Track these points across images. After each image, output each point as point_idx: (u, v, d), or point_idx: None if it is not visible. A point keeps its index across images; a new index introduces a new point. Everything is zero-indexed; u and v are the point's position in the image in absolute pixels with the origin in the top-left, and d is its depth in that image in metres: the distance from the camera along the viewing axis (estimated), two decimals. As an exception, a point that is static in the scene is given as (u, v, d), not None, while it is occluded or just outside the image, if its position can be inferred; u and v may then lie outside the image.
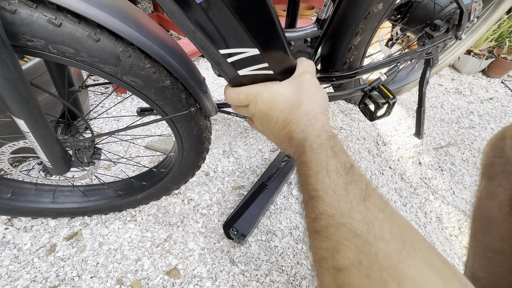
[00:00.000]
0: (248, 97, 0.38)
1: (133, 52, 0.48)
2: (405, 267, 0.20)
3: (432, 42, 1.06)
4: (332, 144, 0.31)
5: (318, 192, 0.27)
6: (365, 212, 0.24)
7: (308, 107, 0.34)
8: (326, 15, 0.83)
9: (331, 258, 0.23)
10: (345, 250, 0.23)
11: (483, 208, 0.53)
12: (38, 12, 0.38)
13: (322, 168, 0.28)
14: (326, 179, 0.27)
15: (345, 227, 0.24)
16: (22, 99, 0.44)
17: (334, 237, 0.24)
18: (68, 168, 0.65)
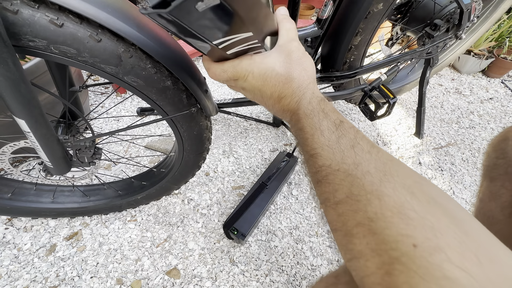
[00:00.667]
0: (237, 74, 0.37)
1: (134, 52, 0.48)
2: (383, 188, 0.26)
3: (432, 41, 1.06)
4: (322, 107, 0.35)
5: (316, 150, 0.32)
6: (354, 156, 0.29)
7: (300, 80, 0.36)
8: (326, 15, 0.83)
9: (332, 197, 0.29)
10: (341, 188, 0.28)
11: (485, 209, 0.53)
12: (40, 12, 0.38)
13: (316, 129, 0.33)
14: (321, 138, 0.32)
15: (339, 171, 0.29)
16: (23, 99, 0.44)
17: (333, 181, 0.29)
18: (68, 168, 0.65)
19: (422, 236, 0.22)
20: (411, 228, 0.22)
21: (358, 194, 0.26)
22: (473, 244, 0.21)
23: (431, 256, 0.21)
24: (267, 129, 1.43)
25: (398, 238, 0.22)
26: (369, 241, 0.24)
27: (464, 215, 0.24)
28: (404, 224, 0.23)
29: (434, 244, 0.21)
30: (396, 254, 0.22)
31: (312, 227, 1.03)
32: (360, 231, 0.25)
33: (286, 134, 1.41)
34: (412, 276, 0.21)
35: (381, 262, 0.23)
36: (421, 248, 0.21)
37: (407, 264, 0.21)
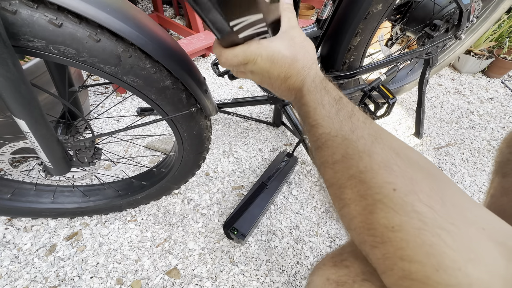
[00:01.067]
0: (247, 57, 0.40)
1: (133, 52, 0.48)
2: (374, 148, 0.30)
3: (431, 42, 1.06)
4: (324, 85, 0.39)
5: (317, 121, 0.36)
6: (351, 124, 0.33)
7: (304, 61, 0.40)
8: (326, 15, 0.83)
9: (330, 158, 0.33)
10: (339, 150, 0.33)
11: (496, 204, 0.53)
12: (39, 12, 0.38)
13: (318, 104, 0.37)
14: (323, 111, 0.36)
15: (337, 137, 0.33)
16: (23, 100, 0.44)
17: (331, 146, 0.34)
18: (68, 168, 0.65)
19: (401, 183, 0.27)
20: (393, 177, 0.27)
21: (353, 153, 0.31)
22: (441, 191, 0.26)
23: (406, 196, 0.26)
24: (267, 129, 1.43)
25: (382, 185, 0.27)
26: (359, 189, 0.29)
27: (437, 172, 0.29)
28: (388, 174, 0.28)
29: (409, 189, 0.26)
30: (379, 197, 0.27)
31: (312, 227, 1.03)
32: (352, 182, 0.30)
33: (286, 134, 1.41)
34: (389, 212, 0.26)
35: (366, 204, 0.28)
36: (399, 191, 0.26)
37: (387, 203, 0.26)
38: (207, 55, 1.89)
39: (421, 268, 0.23)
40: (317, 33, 0.87)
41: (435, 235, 0.23)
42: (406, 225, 0.25)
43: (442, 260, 0.23)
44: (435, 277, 0.23)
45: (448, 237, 0.23)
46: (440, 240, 0.23)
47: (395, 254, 0.25)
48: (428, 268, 0.23)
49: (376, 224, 0.27)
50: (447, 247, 0.23)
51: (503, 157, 0.55)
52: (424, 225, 0.24)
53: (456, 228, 0.23)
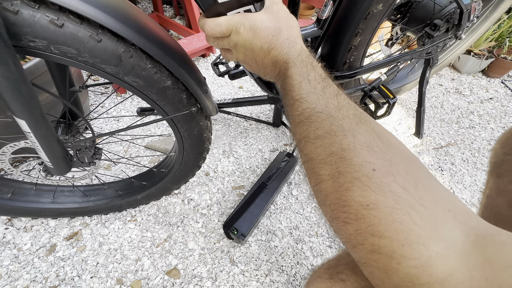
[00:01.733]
0: (230, 27, 0.40)
1: (134, 52, 0.48)
2: (358, 129, 0.31)
3: (432, 41, 1.06)
4: (310, 61, 0.39)
5: (301, 95, 0.36)
6: (337, 103, 0.34)
7: (288, 33, 0.40)
8: (326, 15, 0.83)
9: (313, 133, 0.33)
10: (323, 126, 0.32)
11: (492, 205, 0.53)
12: (41, 12, 0.38)
13: (304, 78, 0.37)
14: (308, 86, 0.36)
15: (323, 113, 0.33)
16: (23, 100, 0.44)
17: (316, 120, 0.33)
18: (69, 168, 0.65)
19: (381, 164, 0.28)
20: (374, 158, 0.28)
21: (337, 131, 0.31)
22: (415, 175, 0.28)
23: (384, 177, 0.27)
24: (267, 129, 1.44)
25: (362, 163, 0.28)
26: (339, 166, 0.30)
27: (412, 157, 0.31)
28: (369, 155, 0.29)
29: (388, 170, 0.27)
30: (358, 175, 0.28)
31: (312, 227, 1.04)
32: (333, 159, 0.30)
33: (286, 134, 1.41)
34: (366, 190, 0.27)
35: (344, 181, 0.29)
36: (378, 171, 0.27)
37: (365, 182, 0.27)
38: (207, 55, 1.89)
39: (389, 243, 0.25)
40: (317, 33, 0.87)
41: (405, 213, 0.25)
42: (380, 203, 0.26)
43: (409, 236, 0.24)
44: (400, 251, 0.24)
45: (417, 216, 0.25)
46: (409, 218, 0.25)
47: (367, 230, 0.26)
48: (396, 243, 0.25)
49: (352, 201, 0.28)
50: (415, 225, 0.24)
51: (497, 158, 0.55)
52: (397, 204, 0.25)
53: (425, 209, 0.25)
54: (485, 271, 0.22)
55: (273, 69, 0.43)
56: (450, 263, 0.23)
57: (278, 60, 0.40)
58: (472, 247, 0.24)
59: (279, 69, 0.41)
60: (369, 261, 0.27)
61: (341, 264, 0.44)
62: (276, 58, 0.40)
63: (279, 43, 0.40)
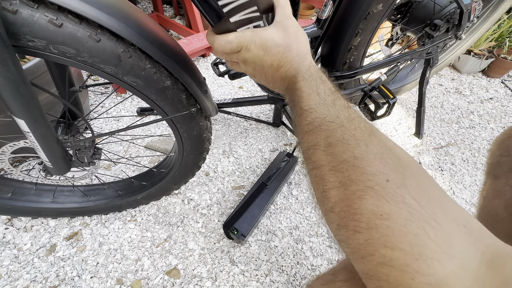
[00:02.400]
0: (241, 44, 0.40)
1: (134, 52, 0.48)
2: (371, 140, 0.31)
3: (432, 42, 1.06)
4: (319, 75, 0.39)
5: (311, 106, 0.36)
6: (348, 115, 0.34)
7: (298, 49, 0.40)
8: (326, 15, 0.83)
9: (323, 141, 0.33)
10: (334, 134, 0.33)
11: (489, 207, 0.53)
12: (39, 12, 0.38)
13: (313, 91, 0.37)
14: (317, 98, 0.36)
15: (334, 123, 0.33)
16: (22, 99, 0.44)
17: (327, 129, 0.34)
18: (68, 168, 0.65)
19: (394, 176, 0.28)
20: (387, 169, 0.28)
21: (349, 139, 0.32)
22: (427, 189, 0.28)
23: (398, 188, 0.27)
24: (267, 129, 1.43)
25: (376, 173, 0.28)
26: (350, 174, 0.30)
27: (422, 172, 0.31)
28: (382, 166, 0.29)
29: (401, 182, 0.27)
30: (371, 184, 0.28)
31: (312, 227, 1.03)
32: (344, 166, 0.30)
33: (286, 134, 1.41)
34: (380, 200, 0.27)
35: (357, 189, 0.29)
36: (392, 182, 0.27)
37: (378, 192, 0.27)
38: (207, 55, 1.89)
39: (402, 256, 0.24)
40: (317, 33, 0.87)
41: (420, 227, 0.25)
42: (395, 214, 0.26)
43: (423, 251, 0.24)
44: (414, 265, 0.24)
45: (432, 231, 0.24)
46: (424, 232, 0.24)
47: (379, 240, 0.26)
48: (409, 257, 0.24)
49: (364, 209, 0.27)
50: (430, 240, 0.24)
51: (494, 159, 0.55)
52: (411, 216, 0.25)
53: (438, 224, 0.25)
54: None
55: (282, 84, 0.43)
56: (466, 283, 0.23)
57: (287, 76, 0.41)
58: (488, 266, 0.23)
59: (288, 83, 0.42)
60: (378, 273, 0.26)
61: (337, 280, 0.43)
62: (285, 74, 0.41)
63: (289, 60, 0.40)
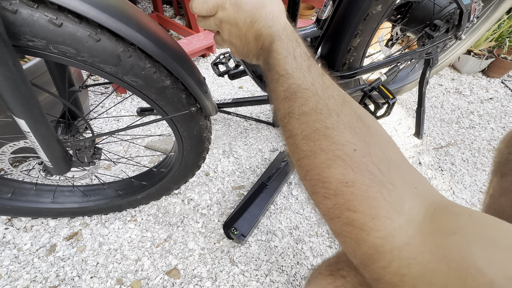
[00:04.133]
0: (216, 3, 0.41)
1: (133, 52, 0.48)
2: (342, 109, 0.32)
3: (432, 42, 1.06)
4: (295, 37, 0.39)
5: (287, 71, 0.36)
6: (322, 82, 0.35)
7: (271, 7, 0.40)
8: (326, 15, 0.83)
9: (298, 109, 0.34)
10: (309, 102, 0.33)
11: (496, 204, 0.53)
12: (39, 12, 0.38)
13: (289, 54, 0.37)
14: (294, 62, 0.36)
15: (309, 90, 0.34)
16: (23, 99, 0.44)
17: (302, 96, 0.34)
18: (68, 168, 0.65)
19: (361, 145, 0.30)
20: (355, 139, 0.30)
21: (322, 109, 0.32)
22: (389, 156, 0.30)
23: (363, 157, 0.29)
24: (267, 129, 1.43)
25: (345, 143, 0.30)
26: (321, 143, 0.31)
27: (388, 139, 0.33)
28: (352, 136, 0.30)
29: (366, 151, 0.30)
30: (340, 153, 0.30)
31: (312, 227, 1.03)
32: (316, 135, 0.32)
33: (286, 134, 1.41)
34: (346, 168, 0.29)
35: (326, 158, 0.31)
36: (359, 152, 0.29)
37: (345, 160, 0.29)
38: (207, 55, 1.89)
39: (362, 216, 0.28)
40: (317, 33, 0.87)
41: (378, 191, 0.28)
42: (358, 181, 0.28)
43: (378, 211, 0.27)
44: (370, 224, 0.27)
45: (387, 194, 0.27)
46: (381, 195, 0.27)
47: (344, 205, 0.29)
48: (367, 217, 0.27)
49: (332, 178, 0.30)
50: (385, 201, 0.27)
51: (502, 157, 0.55)
52: (372, 182, 0.28)
53: (394, 187, 0.28)
54: (436, 238, 0.25)
55: (256, 44, 0.42)
56: (409, 232, 0.26)
57: (262, 34, 0.40)
58: (430, 218, 0.27)
59: (263, 43, 0.41)
60: (344, 232, 0.30)
61: (341, 261, 0.44)
62: (259, 31, 0.40)
63: (262, 16, 0.40)
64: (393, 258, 0.26)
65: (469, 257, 0.22)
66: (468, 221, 0.25)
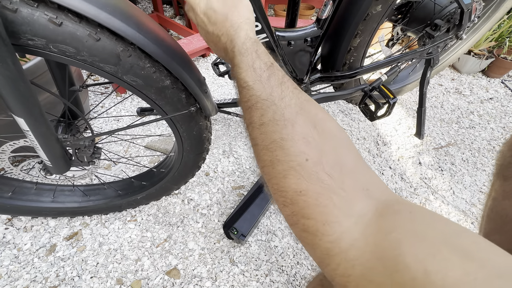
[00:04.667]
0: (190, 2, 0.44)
1: (133, 51, 0.48)
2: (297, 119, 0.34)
3: (432, 42, 1.06)
4: (256, 49, 0.40)
5: (248, 83, 0.38)
6: (280, 92, 0.36)
7: (233, 19, 0.42)
8: (326, 15, 0.83)
9: (258, 120, 0.36)
10: (267, 113, 0.35)
11: (498, 208, 0.53)
12: (39, 11, 0.38)
13: (249, 67, 0.38)
14: (253, 74, 0.38)
15: (267, 101, 0.36)
16: (22, 98, 0.44)
17: (261, 108, 0.36)
18: (68, 167, 0.65)
19: (313, 154, 0.31)
20: (308, 149, 0.32)
21: (279, 119, 0.34)
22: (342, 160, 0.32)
23: (314, 166, 0.30)
24: (267, 129, 1.43)
25: (297, 154, 0.31)
26: (278, 154, 0.33)
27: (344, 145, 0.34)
28: (305, 146, 0.32)
29: (318, 160, 0.31)
30: (293, 164, 0.31)
31: (312, 227, 1.03)
32: (273, 146, 0.33)
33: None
34: (299, 178, 0.31)
35: (282, 169, 0.32)
36: (310, 161, 0.31)
37: (298, 171, 0.31)
38: (207, 55, 1.89)
39: (314, 223, 0.29)
40: (318, 33, 0.87)
41: (328, 198, 0.29)
42: (310, 190, 0.30)
43: (328, 217, 0.28)
44: (321, 229, 0.28)
45: (337, 199, 0.29)
46: (331, 202, 0.29)
47: (299, 212, 0.30)
48: (319, 223, 0.29)
49: (288, 187, 0.32)
50: (335, 207, 0.28)
51: (505, 160, 0.55)
52: (322, 190, 0.29)
53: (344, 193, 0.29)
54: (376, 237, 0.26)
55: (226, 56, 0.45)
56: (355, 235, 0.27)
57: (227, 48, 0.43)
58: (377, 218, 0.27)
59: (229, 56, 0.43)
60: (301, 238, 0.31)
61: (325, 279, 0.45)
62: (225, 45, 0.43)
63: (225, 31, 0.42)
64: (340, 260, 0.27)
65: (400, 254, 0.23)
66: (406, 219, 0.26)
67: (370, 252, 0.25)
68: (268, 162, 0.34)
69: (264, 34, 0.70)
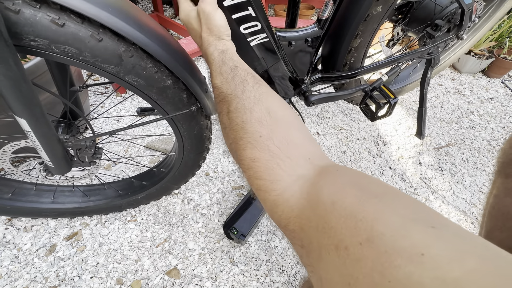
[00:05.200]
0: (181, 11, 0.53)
1: (135, 52, 0.48)
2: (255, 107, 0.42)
3: (433, 42, 1.06)
4: (222, 58, 0.49)
5: (217, 84, 0.48)
6: (242, 87, 0.45)
7: (204, 36, 0.51)
8: (327, 15, 0.83)
9: (226, 109, 0.45)
10: (232, 104, 0.44)
11: (500, 205, 0.53)
12: (42, 12, 0.38)
13: (218, 72, 0.48)
14: (221, 77, 0.47)
15: (232, 95, 0.44)
16: (24, 99, 0.44)
17: (228, 101, 0.45)
18: (69, 167, 0.65)
19: (265, 132, 0.39)
20: (261, 128, 0.40)
21: (241, 108, 0.42)
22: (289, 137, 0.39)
23: (266, 141, 0.38)
24: (267, 129, 1.43)
25: (254, 132, 0.39)
26: (240, 133, 0.41)
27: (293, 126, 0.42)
28: (259, 126, 0.40)
29: (269, 136, 0.39)
30: (250, 139, 0.39)
31: (313, 227, 1.03)
32: (237, 128, 0.42)
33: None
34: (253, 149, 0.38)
35: (242, 143, 0.40)
36: (263, 137, 0.39)
37: (254, 144, 0.39)
38: (207, 55, 1.89)
39: (264, 183, 0.36)
40: (318, 33, 0.87)
41: (276, 164, 0.36)
42: (261, 158, 0.37)
43: (276, 177, 0.35)
44: (270, 187, 0.36)
45: (283, 164, 0.36)
46: (277, 166, 0.36)
47: (254, 175, 0.38)
48: (268, 182, 0.36)
49: (246, 157, 0.39)
50: (280, 169, 0.36)
51: (507, 158, 0.55)
52: (271, 158, 0.37)
53: (289, 160, 0.36)
54: (308, 188, 0.33)
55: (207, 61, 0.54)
56: (294, 188, 0.34)
57: (205, 55, 0.52)
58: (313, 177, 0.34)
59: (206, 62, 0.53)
60: (258, 195, 0.38)
61: None
62: (204, 52, 0.52)
63: (200, 45, 0.53)
64: (284, 208, 0.34)
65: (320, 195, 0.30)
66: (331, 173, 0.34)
67: (304, 198, 0.32)
68: (232, 139, 0.43)
69: (264, 34, 0.70)
